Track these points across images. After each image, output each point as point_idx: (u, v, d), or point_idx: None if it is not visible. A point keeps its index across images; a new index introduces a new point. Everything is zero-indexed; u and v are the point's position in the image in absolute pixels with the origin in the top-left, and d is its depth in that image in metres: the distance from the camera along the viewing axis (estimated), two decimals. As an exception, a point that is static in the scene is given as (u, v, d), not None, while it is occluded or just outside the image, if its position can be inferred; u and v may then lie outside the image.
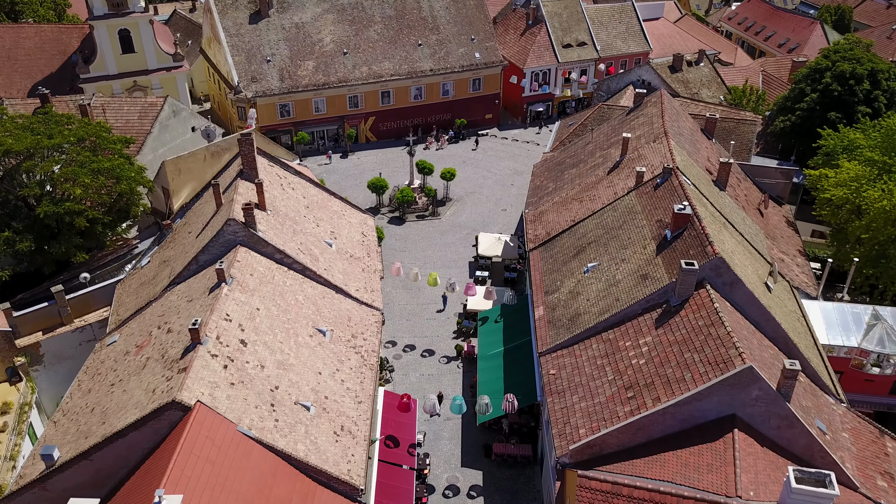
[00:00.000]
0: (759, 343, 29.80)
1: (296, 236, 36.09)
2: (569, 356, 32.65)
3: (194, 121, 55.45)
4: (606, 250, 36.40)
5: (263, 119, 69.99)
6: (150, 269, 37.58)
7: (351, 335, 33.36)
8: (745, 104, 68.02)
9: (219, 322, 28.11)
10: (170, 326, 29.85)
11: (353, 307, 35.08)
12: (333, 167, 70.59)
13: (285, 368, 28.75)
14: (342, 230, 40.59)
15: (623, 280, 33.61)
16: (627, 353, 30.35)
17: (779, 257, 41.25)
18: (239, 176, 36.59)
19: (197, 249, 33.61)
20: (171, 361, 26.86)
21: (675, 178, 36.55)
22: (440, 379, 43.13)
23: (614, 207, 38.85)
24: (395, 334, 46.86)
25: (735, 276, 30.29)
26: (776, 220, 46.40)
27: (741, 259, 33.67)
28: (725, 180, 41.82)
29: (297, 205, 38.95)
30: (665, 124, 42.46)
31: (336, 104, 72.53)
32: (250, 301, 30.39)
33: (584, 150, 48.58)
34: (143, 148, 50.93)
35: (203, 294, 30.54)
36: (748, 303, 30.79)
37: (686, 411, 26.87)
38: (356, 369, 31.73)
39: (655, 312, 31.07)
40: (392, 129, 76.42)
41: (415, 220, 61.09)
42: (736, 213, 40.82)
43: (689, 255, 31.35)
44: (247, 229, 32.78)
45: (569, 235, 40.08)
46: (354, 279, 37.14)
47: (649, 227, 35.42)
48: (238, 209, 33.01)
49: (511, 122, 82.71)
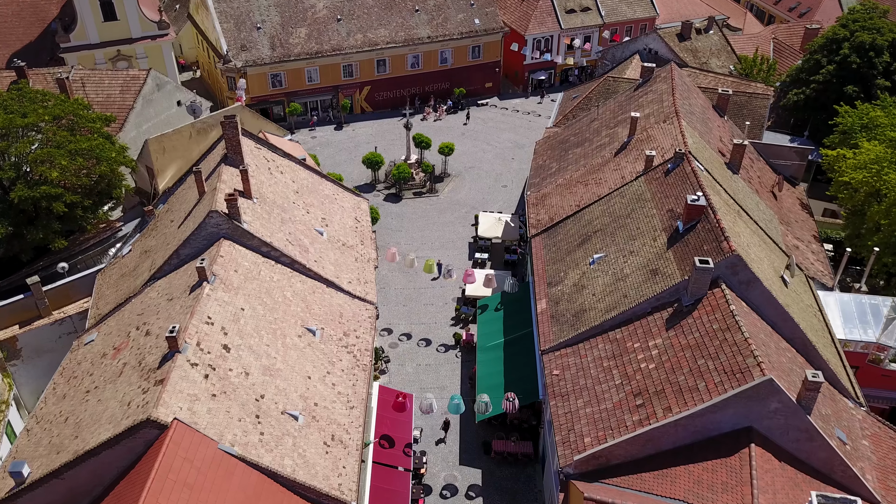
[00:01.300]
0: (777, 346, 27.99)
1: (284, 225, 34.01)
2: (573, 356, 30.88)
3: (180, 94, 52.87)
4: (613, 240, 34.37)
5: (254, 90, 67.22)
6: (131, 259, 35.58)
7: (343, 333, 31.52)
8: (756, 74, 65.28)
9: (199, 326, 26.22)
10: (148, 328, 27.97)
11: (344, 301, 33.18)
12: (327, 140, 68.05)
13: (272, 374, 26.95)
14: (334, 216, 38.47)
15: (631, 275, 31.65)
16: (636, 355, 28.55)
17: (793, 244, 39.27)
18: (223, 161, 34.34)
19: (178, 242, 31.55)
20: (149, 371, 25.03)
21: (687, 163, 34.35)
22: (438, 370, 41.47)
23: (622, 193, 36.69)
24: (391, 321, 45.07)
25: (752, 274, 28.33)
26: (790, 202, 44.27)
27: (757, 253, 31.69)
28: (739, 163, 39.56)
29: (285, 190, 36.77)
30: (676, 103, 40.04)
31: (330, 73, 69.65)
32: (234, 300, 28.46)
33: (589, 127, 46.18)
34: (126, 124, 48.41)
35: (184, 293, 28.59)
36: (765, 302, 28.89)
37: (699, 423, 25.17)
38: (348, 371, 29.95)
39: (666, 312, 29.19)
40: (388, 99, 73.63)
41: (412, 197, 58.84)
42: (750, 198, 38.70)
43: (703, 251, 29.35)
44: (230, 221, 30.68)
45: (573, 222, 37.99)
46: (347, 270, 35.16)
47: (659, 216, 33.33)
48: (221, 200, 30.87)
49: (512, 90, 79.83)
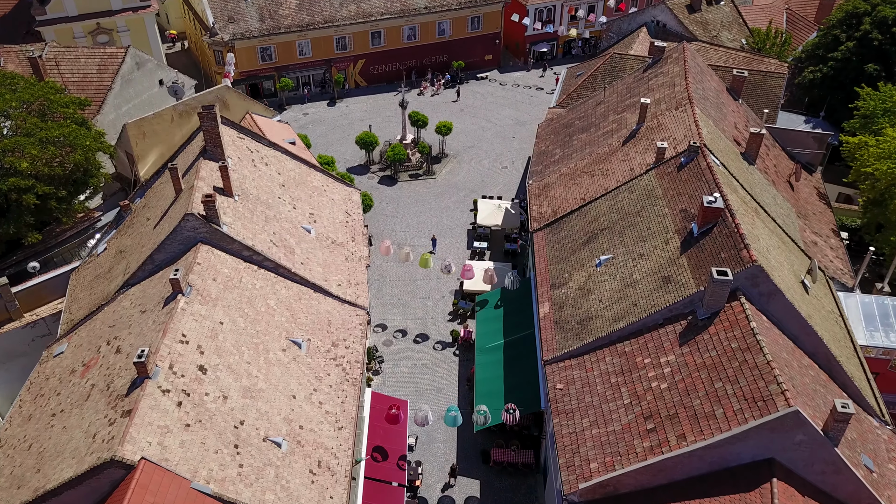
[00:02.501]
0: (799, 364, 25.90)
1: (268, 225, 31.65)
2: (578, 368, 28.81)
3: (162, 73, 50.05)
4: (622, 241, 32.06)
5: (243, 64, 64.15)
6: (106, 259, 33.29)
7: (331, 343, 29.39)
8: (769, 49, 62.22)
9: (172, 346, 24.04)
10: (119, 344, 25.82)
11: (333, 308, 30.99)
12: (320, 117, 65.18)
13: (253, 396, 24.87)
14: (323, 210, 36.07)
15: (641, 281, 29.41)
16: (646, 372, 26.47)
17: (811, 239, 36.99)
18: (202, 155, 31.83)
19: (153, 245, 29.23)
20: (116, 397, 22.93)
21: (702, 158, 31.87)
22: (434, 370, 39.49)
23: (631, 188, 34.27)
24: (386, 316, 42.97)
25: (774, 286, 26.10)
26: (807, 192, 41.86)
27: (777, 257, 29.42)
28: (756, 153, 37.06)
29: (270, 184, 34.32)
30: (689, 87, 37.36)
31: (322, 47, 66.50)
32: (212, 314, 26.24)
33: (594, 111, 43.50)
34: (104, 106, 45.75)
35: (157, 304, 26.37)
36: (787, 315, 26.70)
37: (716, 454, 23.18)
38: (336, 387, 27.89)
39: (679, 325, 27.03)
40: (383, 72, 70.56)
41: (407, 179, 56.29)
42: (766, 191, 36.29)
43: (721, 259, 27.07)
44: (208, 225, 28.31)
45: (578, 217, 35.63)
46: (336, 271, 32.90)
47: (672, 216, 30.97)
48: (197, 201, 28.45)
49: (513, 63, 76.67)
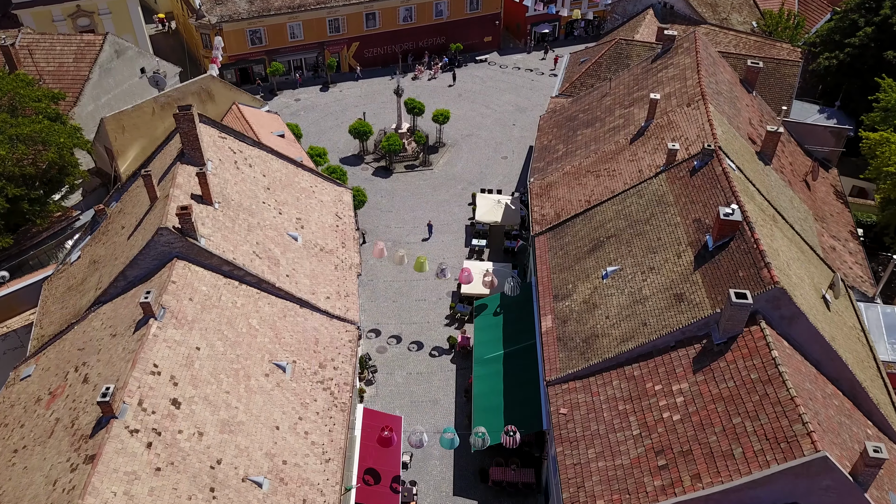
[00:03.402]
0: (823, 393, 23.97)
1: (251, 234, 29.52)
2: (583, 391, 26.89)
3: (143, 61, 47.57)
4: (630, 251, 29.96)
5: (232, 48, 61.45)
6: (79, 269, 31.19)
7: (318, 365, 27.42)
8: (781, 32, 59.60)
9: (142, 378, 22.06)
10: (87, 373, 23.85)
11: (321, 324, 28.97)
12: (312, 103, 62.62)
13: (232, 430, 22.95)
14: (311, 214, 33.90)
15: (651, 297, 27.37)
16: (657, 400, 24.54)
17: (830, 244, 34.90)
18: (179, 159, 29.59)
19: (126, 259, 27.12)
20: (81, 437, 21.01)
21: (716, 162, 29.66)
22: (430, 379, 37.60)
23: (639, 192, 32.09)
24: (380, 320, 40.98)
25: (796, 308, 24.06)
26: (824, 190, 39.66)
27: (798, 272, 27.35)
28: (772, 153, 34.81)
29: (254, 188, 32.11)
30: (702, 82, 34.99)
31: (314, 29, 63.73)
32: (187, 338, 24.22)
33: (600, 104, 41.12)
34: (81, 98, 43.36)
35: (129, 328, 24.34)
36: (810, 339, 24.70)
37: (734, 498, 21.31)
38: (324, 413, 25.97)
39: (693, 349, 25.05)
40: (378, 55, 67.84)
41: (403, 171, 53.97)
42: (783, 193, 34.13)
43: (738, 278, 25.00)
44: (184, 239, 26.17)
45: (583, 222, 33.50)
46: (325, 283, 30.85)
47: (684, 226, 28.84)
48: (172, 212, 26.29)
49: (513, 45, 73.87)
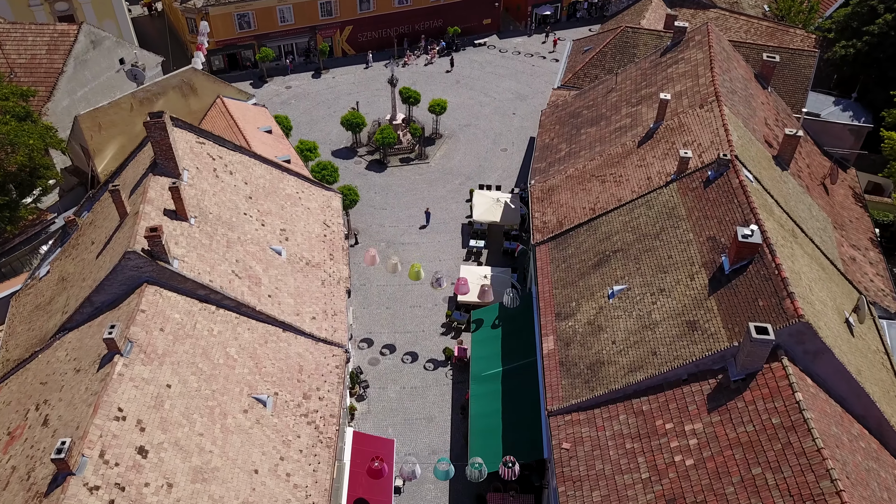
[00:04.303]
0: (849, 436, 22.04)
1: (230, 251, 27.38)
2: (587, 424, 24.97)
3: (122, 51, 45.01)
4: (638, 269, 27.86)
5: (219, 32, 58.83)
6: (48, 286, 29.09)
7: (302, 395, 25.46)
8: (794, 16, 56.89)
9: (105, 426, 20.07)
10: (48, 413, 21.90)
11: (306, 349, 26.97)
12: (304, 90, 60.06)
13: (205, 479, 21.04)
14: (297, 224, 31.74)
15: (662, 323, 25.34)
16: (668, 441, 22.62)
17: (850, 255, 32.81)
18: (152, 169, 27.36)
19: (94, 281, 25.03)
20: (35, 495, 19.07)
21: (733, 174, 27.44)
22: (425, 394, 35.73)
23: (648, 203, 29.90)
24: (372, 328, 39.02)
25: (822, 344, 22.04)
26: (842, 193, 37.46)
27: (820, 294, 25.28)
28: (790, 157, 32.57)
29: (235, 197, 29.91)
30: (716, 81, 32.61)
31: (305, 12, 61.01)
32: (157, 375, 22.22)
33: (605, 100, 38.71)
34: (55, 92, 40.91)
35: (93, 364, 22.33)
36: (834, 374, 22.73)
37: (754, 558, 19.55)
38: (308, 451, 24.05)
39: (707, 384, 23.07)
40: (373, 39, 65.16)
41: (398, 164, 51.67)
42: (802, 201, 31.96)
43: (758, 308, 22.94)
44: (154, 263, 24.05)
45: (587, 233, 31.35)
46: (310, 301, 28.79)
47: (698, 244, 26.70)
48: (142, 233, 24.14)
49: (513, 27, 71.07)
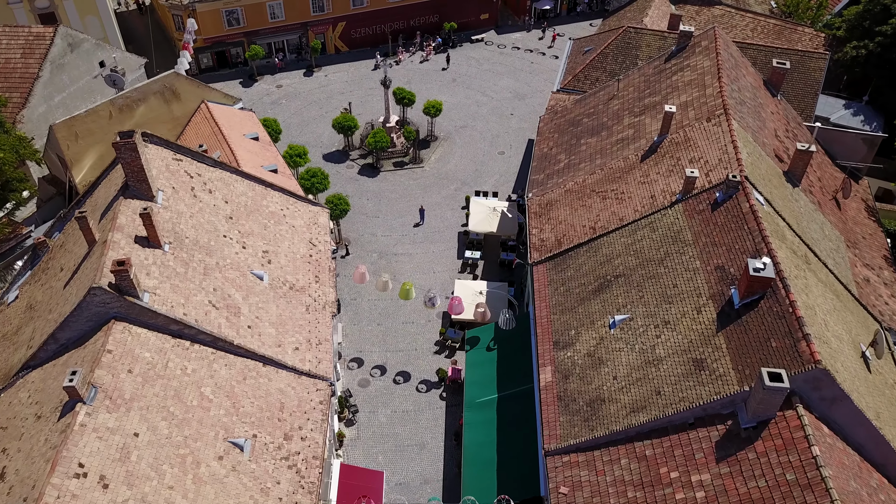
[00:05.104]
0: (868, 488, 20.49)
1: (207, 278, 25.71)
2: (586, 468, 23.42)
3: (102, 53, 43.13)
4: (641, 297, 26.20)
5: (207, 30, 56.84)
6: (16, 313, 27.43)
7: (283, 436, 23.88)
8: (802, 14, 54.94)
9: (64, 485, 18.48)
10: (6, 465, 20.32)
11: (288, 383, 25.35)
12: (295, 90, 58.16)
13: (173, 538, 19.52)
14: (281, 244, 30.05)
15: (667, 359, 23.73)
16: (673, 492, 21.06)
17: (864, 276, 31.17)
18: (122, 192, 25.63)
19: (59, 315, 23.39)
20: (-14, 563, 17.59)
21: (743, 196, 25.72)
22: (417, 418, 34.20)
23: (652, 224, 28.20)
24: (363, 346, 37.44)
25: (840, 391, 20.45)
26: (854, 207, 35.74)
27: (836, 328, 23.64)
28: (801, 173, 30.83)
29: (214, 218, 28.19)
30: (724, 92, 30.81)
31: (296, 8, 58.99)
32: (123, 424, 20.61)
33: (606, 108, 36.90)
34: (31, 98, 39.12)
35: (55, 411, 20.73)
36: (853, 421, 21.17)
37: None
38: (288, 499, 22.47)
39: (716, 430, 21.49)
40: (367, 36, 63.15)
41: (392, 168, 49.90)
42: (814, 220, 30.27)
43: (770, 349, 21.31)
44: (122, 298, 22.39)
45: (587, 254, 29.68)
46: (293, 329, 27.14)
47: (705, 273, 25.03)
48: (108, 267, 22.45)
49: (512, 22, 69.01)
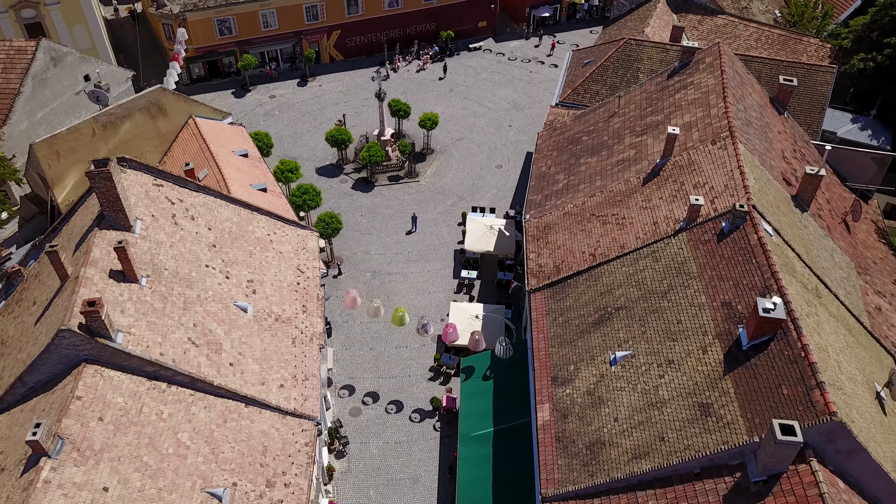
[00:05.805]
0: (887, 547, 19.26)
1: (187, 313, 24.42)
2: (586, 517, 22.15)
3: (87, 66, 41.83)
4: (643, 332, 24.91)
5: (199, 39, 55.56)
6: (-12, 348, 26.19)
7: (266, 483, 22.60)
8: (807, 23, 53.63)
9: (24, 550, 17.25)
10: (-34, 522, 19.08)
11: (272, 425, 24.06)
12: (288, 100, 56.86)
13: None
14: (267, 272, 28.76)
15: (671, 402, 22.44)
16: (678, 549, 19.82)
17: (876, 305, 29.88)
18: (97, 223, 24.35)
19: (28, 357, 22.11)
20: None
21: (750, 227, 24.42)
22: (410, 450, 32.90)
23: (655, 254, 26.91)
24: (354, 373, 36.14)
25: (856, 444, 19.17)
26: (864, 230, 34.46)
27: (849, 368, 22.35)
28: (811, 197, 29.54)
29: (196, 247, 26.89)
30: (729, 112, 29.51)
31: (290, 17, 57.68)
32: (92, 477, 19.33)
33: (607, 126, 35.61)
34: (12, 114, 37.92)
35: (18, 463, 19.46)
36: (870, 475, 19.88)
37: None
38: (269, 553, 21.26)
39: (724, 482, 20.18)
40: (362, 44, 61.86)
41: (386, 183, 48.63)
42: (824, 247, 28.98)
43: (781, 397, 20.02)
44: (93, 340, 21.11)
45: (587, 283, 28.38)
46: (278, 365, 25.86)
47: (711, 310, 23.74)
48: (78, 309, 21.16)
49: (510, 30, 67.70)
